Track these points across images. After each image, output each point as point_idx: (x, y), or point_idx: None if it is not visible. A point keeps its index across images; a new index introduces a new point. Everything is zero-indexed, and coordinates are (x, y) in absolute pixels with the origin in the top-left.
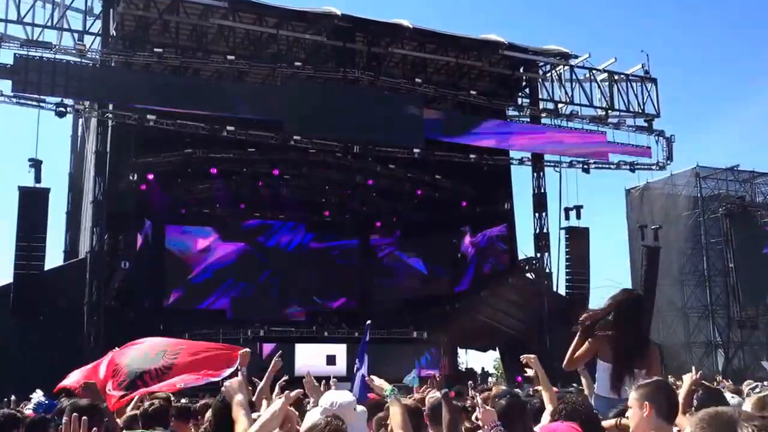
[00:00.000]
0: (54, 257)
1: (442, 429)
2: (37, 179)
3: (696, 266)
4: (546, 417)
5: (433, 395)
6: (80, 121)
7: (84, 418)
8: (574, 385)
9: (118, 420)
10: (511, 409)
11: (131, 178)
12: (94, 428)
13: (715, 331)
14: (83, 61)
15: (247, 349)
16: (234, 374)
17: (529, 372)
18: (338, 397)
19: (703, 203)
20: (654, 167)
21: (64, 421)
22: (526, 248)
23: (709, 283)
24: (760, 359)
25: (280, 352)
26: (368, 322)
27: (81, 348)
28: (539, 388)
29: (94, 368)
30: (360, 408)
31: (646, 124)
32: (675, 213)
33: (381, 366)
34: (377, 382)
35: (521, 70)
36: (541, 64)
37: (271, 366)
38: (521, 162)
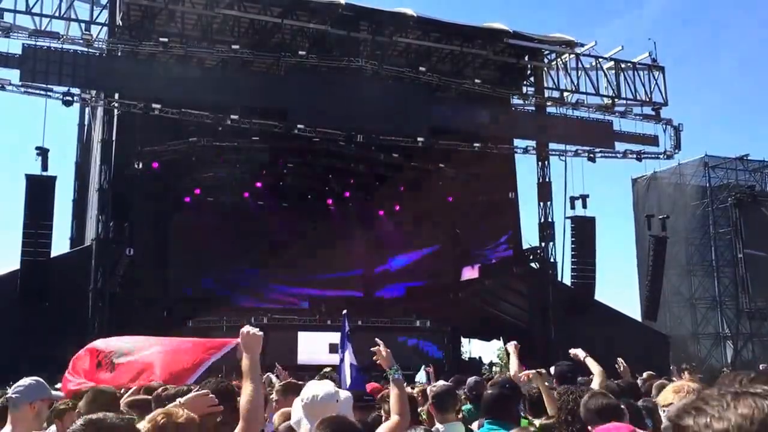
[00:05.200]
0: (60, 244)
1: (448, 417)
2: (44, 167)
3: (704, 257)
4: None
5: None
6: (87, 110)
7: None
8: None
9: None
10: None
11: (136, 166)
12: None
13: (723, 323)
14: (90, 50)
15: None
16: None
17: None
18: (319, 389)
19: (712, 193)
20: (661, 156)
21: None
22: (530, 238)
23: (717, 273)
24: None
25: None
26: (344, 312)
27: (86, 334)
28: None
29: (75, 363)
30: (344, 395)
31: (653, 113)
32: (683, 203)
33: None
34: (384, 353)
35: (526, 59)
36: (546, 52)
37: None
38: (526, 151)
